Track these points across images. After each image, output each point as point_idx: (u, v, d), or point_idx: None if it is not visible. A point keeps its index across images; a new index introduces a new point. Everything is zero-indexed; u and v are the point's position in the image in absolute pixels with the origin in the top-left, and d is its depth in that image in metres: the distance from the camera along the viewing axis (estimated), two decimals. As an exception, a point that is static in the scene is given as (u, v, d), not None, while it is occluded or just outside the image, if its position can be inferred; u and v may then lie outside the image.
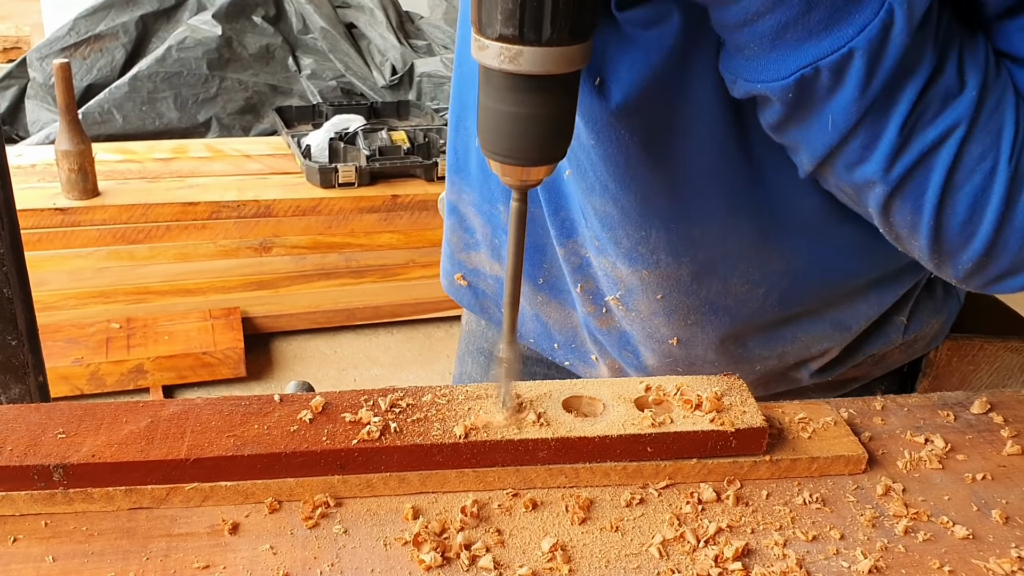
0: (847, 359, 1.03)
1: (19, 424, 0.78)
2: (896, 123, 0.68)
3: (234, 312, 3.38)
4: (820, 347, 1.00)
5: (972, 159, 0.69)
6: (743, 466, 0.82)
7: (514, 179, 0.70)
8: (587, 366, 1.11)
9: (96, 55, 4.28)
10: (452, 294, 1.19)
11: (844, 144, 0.71)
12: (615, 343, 1.04)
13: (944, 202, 0.71)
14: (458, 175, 1.07)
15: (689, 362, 1.01)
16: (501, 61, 0.62)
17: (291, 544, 0.73)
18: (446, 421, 0.81)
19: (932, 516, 0.79)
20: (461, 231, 1.11)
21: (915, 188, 0.72)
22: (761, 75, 0.69)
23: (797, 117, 0.71)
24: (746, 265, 0.91)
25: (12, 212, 0.88)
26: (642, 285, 0.94)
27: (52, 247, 3.12)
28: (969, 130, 0.69)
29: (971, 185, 0.70)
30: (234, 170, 3.53)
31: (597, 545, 0.75)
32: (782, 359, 1.01)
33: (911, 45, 0.64)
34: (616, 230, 0.90)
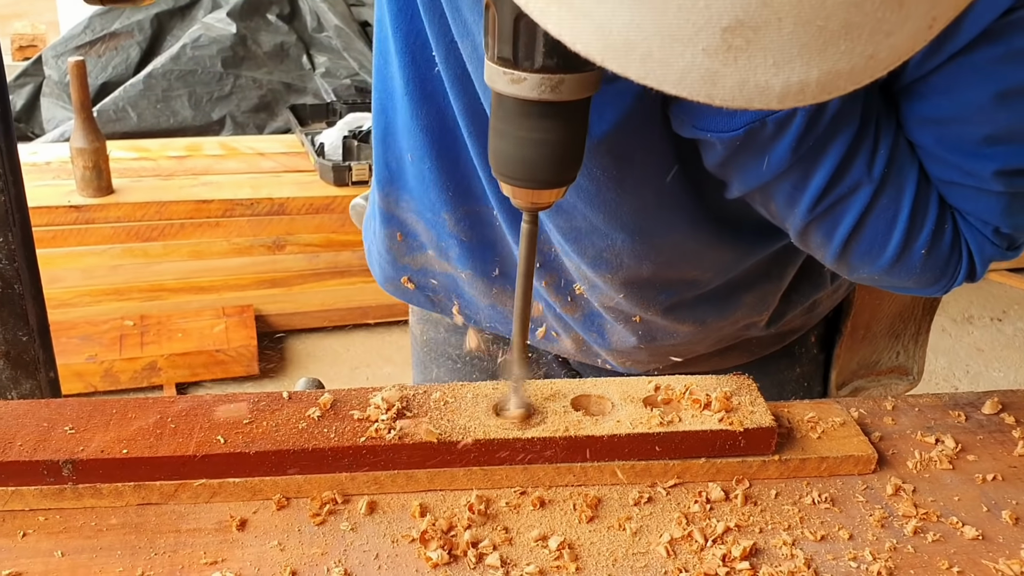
0: (787, 309, 1.09)
1: (29, 419, 0.78)
2: (825, 171, 0.77)
3: (247, 310, 3.39)
4: (762, 305, 1.06)
5: (880, 207, 0.80)
6: (752, 466, 0.82)
7: (525, 201, 0.71)
8: (549, 342, 1.14)
9: (111, 53, 4.30)
10: (400, 297, 1.21)
11: (775, 183, 0.79)
12: (580, 323, 1.08)
13: (851, 238, 0.82)
14: (392, 186, 1.08)
15: (652, 337, 1.05)
16: (542, 91, 0.63)
17: (299, 541, 0.73)
18: (454, 419, 0.80)
19: (942, 517, 0.79)
20: (404, 237, 1.12)
21: (829, 223, 0.81)
22: (711, 125, 0.76)
23: (737, 160, 0.79)
24: (698, 259, 0.97)
25: (24, 209, 0.89)
26: (604, 284, 0.98)
27: (66, 244, 3.14)
28: (881, 183, 0.79)
29: (875, 228, 0.81)
30: (248, 168, 3.53)
31: (604, 544, 0.75)
32: (734, 324, 1.07)
33: (843, 107, 0.74)
34: (581, 241, 0.94)
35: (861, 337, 1.21)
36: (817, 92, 0.48)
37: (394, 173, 1.06)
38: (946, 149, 0.78)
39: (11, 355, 0.90)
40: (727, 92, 0.48)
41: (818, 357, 1.22)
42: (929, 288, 0.87)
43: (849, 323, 1.19)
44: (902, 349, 1.25)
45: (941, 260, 0.84)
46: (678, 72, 0.47)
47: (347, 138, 3.52)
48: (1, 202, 0.84)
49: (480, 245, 1.04)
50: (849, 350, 1.21)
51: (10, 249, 0.86)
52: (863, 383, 1.24)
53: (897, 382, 1.26)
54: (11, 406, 0.80)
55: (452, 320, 1.19)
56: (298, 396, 0.83)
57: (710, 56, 0.46)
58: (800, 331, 1.17)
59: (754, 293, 1.03)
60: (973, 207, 0.82)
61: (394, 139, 1.03)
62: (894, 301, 1.20)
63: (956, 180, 0.80)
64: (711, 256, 0.97)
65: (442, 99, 0.93)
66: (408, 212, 1.08)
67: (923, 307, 1.23)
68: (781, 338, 1.15)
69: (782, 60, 0.46)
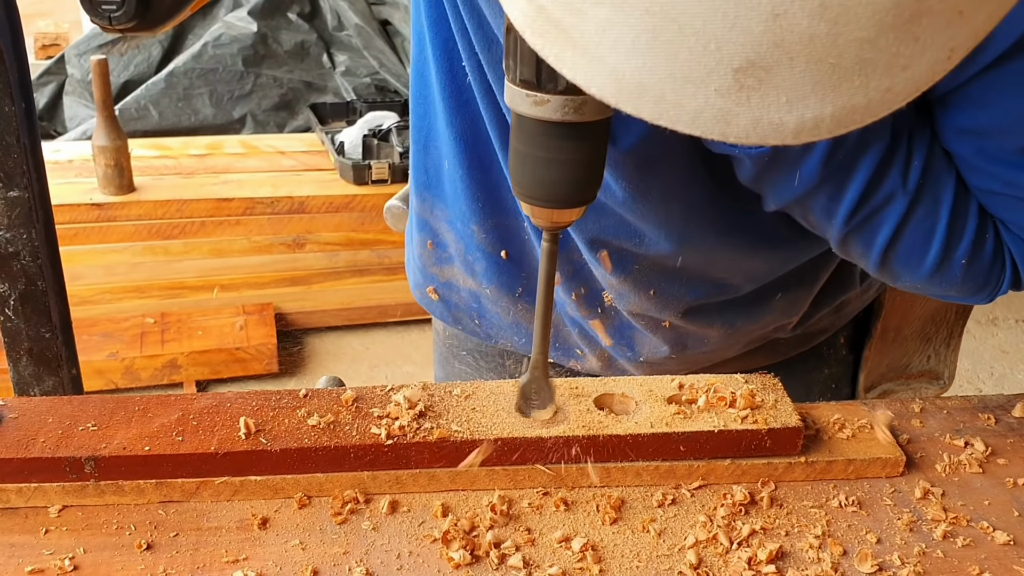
0: (815, 311, 1.09)
1: (52, 416, 0.78)
2: (858, 184, 0.77)
3: (267, 308, 3.39)
4: (794, 309, 1.05)
5: (918, 217, 0.80)
6: (778, 467, 0.81)
7: (546, 221, 0.71)
8: (574, 360, 1.13)
9: (133, 52, 4.32)
10: (425, 305, 1.21)
11: (810, 197, 0.80)
12: (609, 336, 1.06)
13: (890, 248, 0.82)
14: (429, 192, 1.07)
15: (683, 346, 1.04)
16: (565, 113, 0.63)
17: (320, 540, 0.73)
18: (477, 418, 0.80)
19: (972, 521, 0.78)
20: (434, 246, 1.11)
21: (867, 234, 0.82)
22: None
23: (767, 177, 0.79)
24: (732, 268, 0.97)
25: (47, 206, 0.89)
26: (635, 285, 0.98)
27: (88, 242, 3.15)
28: (916, 193, 0.78)
29: (914, 238, 0.81)
30: (268, 166, 3.54)
31: (628, 545, 0.74)
32: (764, 327, 1.06)
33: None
34: (609, 243, 0.94)
35: (891, 339, 1.20)
36: (833, 127, 0.48)
37: (432, 179, 1.06)
38: (985, 160, 0.77)
39: (34, 352, 0.90)
40: (741, 130, 0.48)
41: (847, 359, 1.21)
42: (973, 297, 0.87)
43: (879, 325, 1.17)
44: (933, 353, 1.24)
45: (983, 270, 0.83)
46: (691, 113, 0.48)
47: (367, 137, 3.52)
48: (25, 199, 0.84)
49: (507, 260, 1.03)
50: (879, 352, 1.20)
51: (34, 246, 0.86)
52: (892, 386, 1.23)
53: (927, 386, 1.24)
54: (34, 403, 0.80)
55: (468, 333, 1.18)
56: (320, 394, 0.83)
57: (723, 96, 0.46)
58: (828, 332, 1.16)
59: (786, 297, 1.03)
60: (1015, 217, 0.81)
61: (435, 144, 1.03)
62: (926, 304, 1.18)
63: (997, 190, 0.79)
64: (744, 266, 0.96)
65: (475, 108, 0.93)
66: (441, 221, 1.07)
67: (955, 311, 1.22)
68: (809, 339, 1.14)
69: (795, 98, 0.46)
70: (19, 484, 0.74)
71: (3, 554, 0.70)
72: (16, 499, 0.74)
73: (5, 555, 0.70)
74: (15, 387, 0.93)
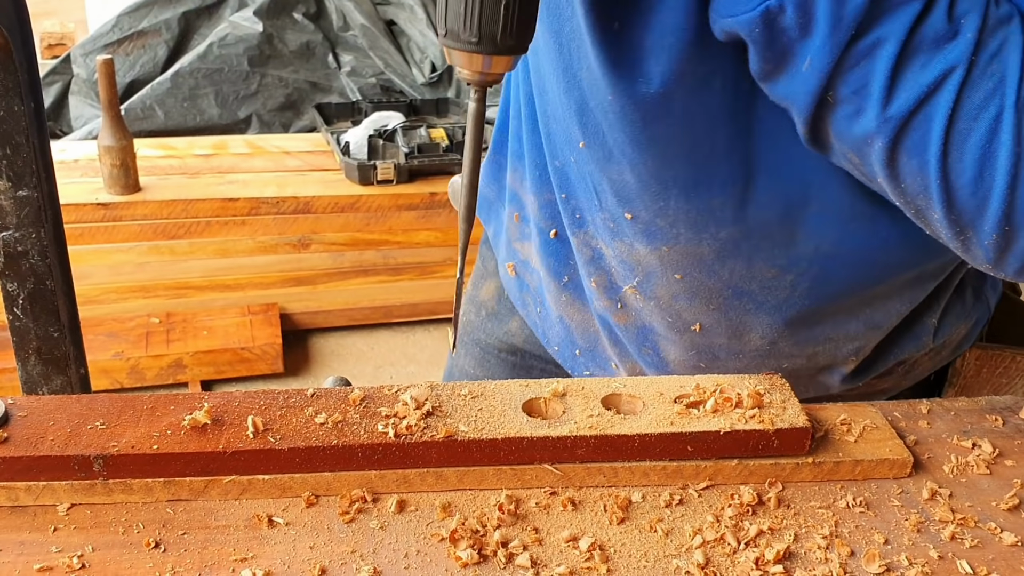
0: (877, 363, 1.00)
1: (60, 415, 0.78)
2: (885, 65, 0.65)
3: (272, 308, 3.40)
4: (851, 347, 0.96)
5: (973, 106, 0.65)
6: (785, 468, 0.81)
7: (474, 71, 0.68)
8: (607, 373, 1.10)
9: (139, 51, 4.33)
10: (505, 283, 1.18)
11: (831, 89, 0.68)
12: (634, 339, 1.02)
13: (949, 156, 0.67)
14: (520, 161, 1.04)
15: (712, 355, 0.98)
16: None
17: (328, 539, 0.73)
18: (482, 418, 0.80)
19: (979, 522, 0.78)
20: (519, 219, 1.08)
21: (917, 140, 0.67)
22: (732, 8, 0.68)
23: (774, 59, 0.69)
24: (770, 245, 0.87)
25: (56, 206, 0.89)
26: (661, 265, 0.91)
27: (94, 242, 3.16)
28: (967, 74, 0.64)
29: (976, 136, 0.65)
30: (274, 166, 3.55)
31: (636, 545, 0.74)
32: (811, 360, 0.98)
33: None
34: (633, 202, 0.87)
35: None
36: None
37: (523, 147, 1.03)
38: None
39: (42, 351, 0.90)
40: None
41: None
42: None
43: (954, 394, 1.06)
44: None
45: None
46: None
47: (372, 137, 3.52)
48: (34, 199, 0.84)
49: (557, 239, 1.00)
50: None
51: (42, 246, 0.86)
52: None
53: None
54: (42, 401, 0.80)
55: (524, 319, 1.16)
56: (327, 393, 0.83)
57: None
58: (890, 393, 1.06)
59: (844, 331, 0.94)
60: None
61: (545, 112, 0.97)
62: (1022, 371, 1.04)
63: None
64: (783, 243, 0.87)
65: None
66: (527, 192, 1.04)
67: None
68: (866, 395, 1.04)
69: None
70: (28, 482, 0.74)
71: (12, 552, 0.70)
72: (25, 497, 0.75)
73: (14, 553, 0.70)
74: (23, 386, 0.93)
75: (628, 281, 0.96)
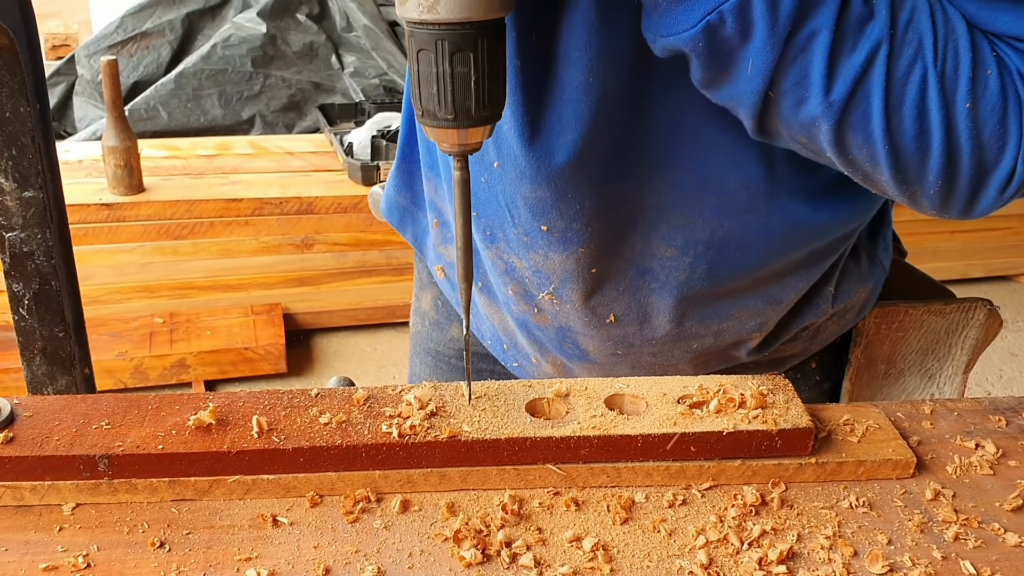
0: (781, 333, 1.04)
1: (66, 415, 0.79)
2: (821, 55, 0.70)
3: (275, 308, 3.40)
4: (754, 322, 1.01)
5: (902, 73, 0.72)
6: (788, 468, 0.81)
7: (452, 144, 0.70)
8: (532, 366, 1.13)
9: (143, 52, 4.34)
10: (440, 285, 1.21)
11: (776, 86, 0.73)
12: (554, 338, 1.05)
13: (891, 122, 0.73)
14: (433, 171, 1.07)
15: (628, 344, 1.01)
16: (420, 12, 0.63)
17: (332, 538, 0.73)
18: (485, 418, 0.80)
19: (983, 523, 0.78)
20: (440, 225, 1.10)
21: (859, 115, 0.73)
22: (672, 28, 0.72)
23: (717, 68, 0.73)
24: (666, 226, 0.92)
25: (61, 206, 0.89)
26: (577, 266, 0.94)
27: (98, 242, 3.16)
28: (891, 48, 0.71)
29: (909, 99, 0.72)
30: (277, 167, 3.55)
31: (639, 545, 0.74)
32: (718, 337, 1.02)
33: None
34: (549, 213, 0.91)
35: (882, 373, 1.14)
36: None
37: (434, 159, 1.05)
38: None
39: (47, 351, 0.91)
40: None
41: (822, 386, 1.16)
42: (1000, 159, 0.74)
43: (860, 353, 1.12)
44: (937, 391, 1.16)
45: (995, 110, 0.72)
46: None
47: (375, 138, 3.52)
48: (40, 200, 0.85)
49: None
50: (867, 385, 1.14)
51: (48, 246, 0.87)
52: None
53: None
54: (48, 401, 0.80)
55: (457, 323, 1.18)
56: (331, 393, 0.83)
57: None
58: (799, 357, 1.12)
59: (745, 308, 0.99)
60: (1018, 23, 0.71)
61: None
62: (922, 333, 1.13)
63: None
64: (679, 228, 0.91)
65: None
66: (444, 200, 1.07)
67: (961, 343, 1.15)
68: (775, 364, 1.10)
69: None
70: (33, 482, 0.75)
71: (18, 551, 0.70)
72: (30, 497, 0.75)
73: (20, 552, 0.70)
74: (28, 386, 0.93)
75: (544, 289, 0.99)
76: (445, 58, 0.66)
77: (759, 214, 0.91)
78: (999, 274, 4.18)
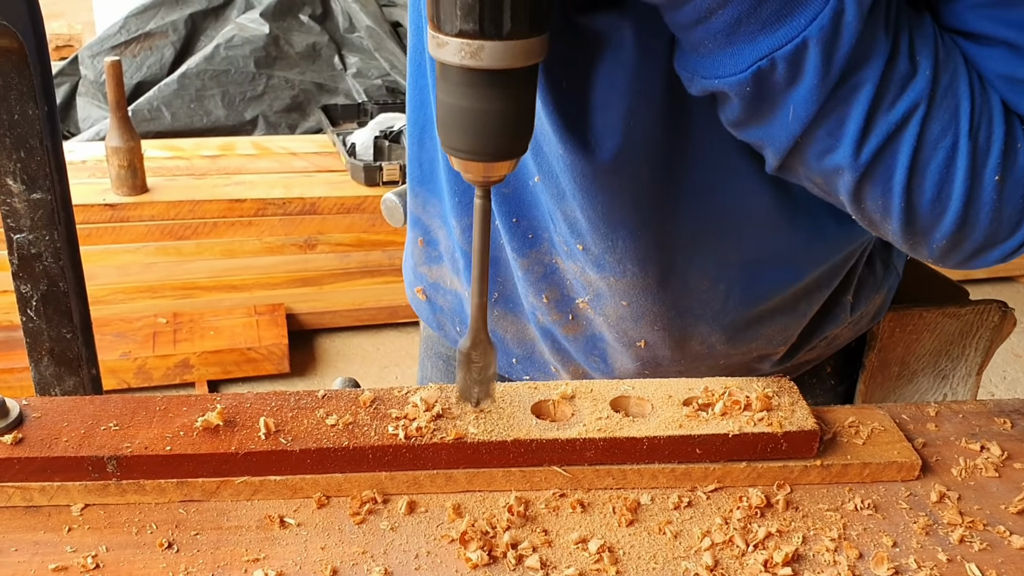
0: (803, 345, 1.04)
1: (74, 415, 0.79)
2: (861, 108, 0.69)
3: (279, 308, 3.41)
4: (780, 337, 1.00)
5: (934, 137, 0.70)
6: (793, 470, 0.81)
7: (477, 175, 0.70)
8: (547, 376, 1.11)
9: (146, 53, 4.34)
10: (414, 307, 1.19)
11: (809, 133, 0.71)
12: (582, 348, 1.03)
13: (912, 182, 0.72)
14: (423, 187, 1.06)
15: (656, 363, 1.01)
16: (462, 57, 0.63)
17: (339, 540, 0.74)
18: (491, 420, 0.80)
19: (988, 525, 0.78)
20: (425, 243, 1.09)
21: (883, 171, 0.72)
22: (718, 71, 0.69)
23: (757, 111, 0.71)
24: (702, 258, 0.91)
25: (68, 207, 0.90)
26: (610, 291, 0.94)
27: (101, 242, 3.17)
28: (928, 109, 0.69)
29: (936, 163, 0.71)
30: (280, 168, 3.56)
31: (645, 547, 0.74)
32: (746, 355, 1.02)
33: (864, 31, 0.65)
34: (584, 237, 0.90)
35: (896, 375, 1.14)
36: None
37: (426, 174, 1.05)
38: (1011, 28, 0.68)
39: (55, 352, 0.91)
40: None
41: (836, 389, 1.16)
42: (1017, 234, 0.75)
43: (874, 356, 1.12)
44: (951, 392, 1.16)
45: (1020, 186, 0.72)
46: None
47: (378, 138, 3.53)
48: (48, 201, 0.85)
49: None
50: (879, 387, 1.14)
51: (56, 248, 0.87)
52: None
53: None
54: (56, 402, 0.81)
55: (450, 342, 1.17)
56: (338, 395, 0.83)
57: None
58: (814, 363, 1.12)
59: (774, 326, 0.98)
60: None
61: (430, 137, 1.01)
62: (936, 336, 1.12)
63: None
64: (717, 261, 0.91)
65: None
66: (433, 217, 1.06)
67: (976, 343, 1.14)
68: (792, 370, 1.09)
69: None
70: (42, 483, 0.75)
71: (28, 552, 0.71)
72: (39, 497, 0.75)
73: (29, 552, 0.71)
74: (36, 387, 0.94)
75: (582, 296, 0.98)
76: (479, 98, 0.65)
77: (785, 232, 0.90)
78: (1002, 275, 4.18)
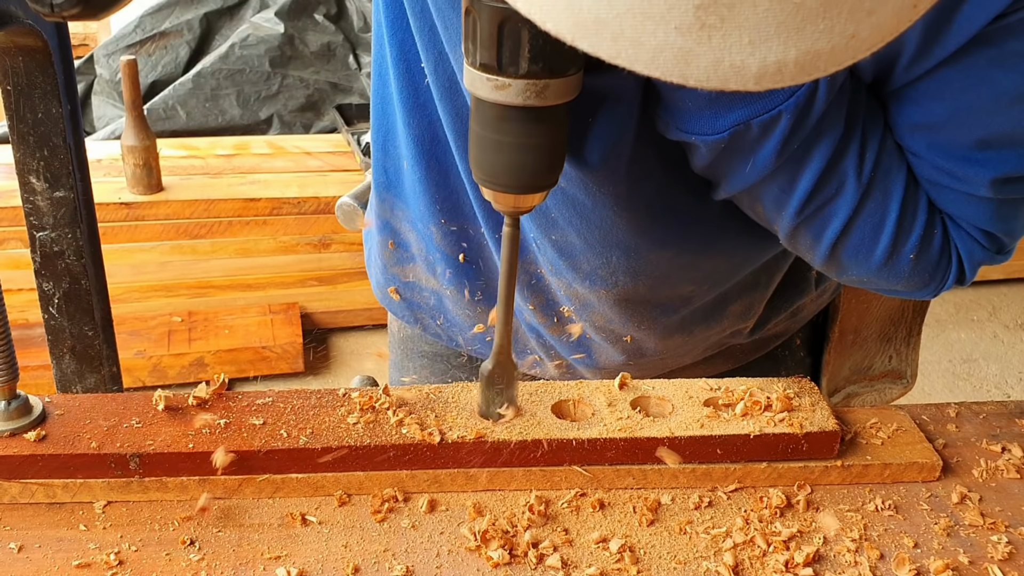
0: (771, 316, 1.08)
1: (97, 413, 0.79)
2: (811, 174, 0.75)
3: (293, 307, 3.41)
4: (750, 312, 1.04)
5: (867, 211, 0.78)
6: (814, 471, 0.81)
7: (507, 206, 0.71)
8: (533, 366, 1.13)
9: (161, 52, 4.35)
10: (387, 307, 1.20)
11: (764, 184, 0.77)
12: (566, 345, 1.05)
13: (840, 240, 0.80)
14: (389, 193, 1.07)
15: (640, 354, 1.03)
16: (527, 97, 0.63)
17: (360, 538, 0.74)
18: (512, 419, 0.80)
19: (1010, 527, 0.78)
20: (395, 246, 1.10)
21: (818, 226, 0.79)
22: (696, 128, 0.73)
23: (723, 163, 0.76)
24: (692, 270, 0.95)
25: (90, 205, 0.90)
26: (598, 301, 0.96)
27: (117, 241, 3.18)
28: (868, 186, 0.77)
29: (862, 231, 0.79)
30: (295, 167, 3.56)
31: (665, 547, 0.74)
32: (720, 333, 1.05)
33: (829, 109, 0.71)
34: (576, 258, 0.92)
35: (851, 342, 1.19)
36: (796, 73, 0.46)
37: (391, 180, 1.05)
38: (938, 154, 0.77)
39: (76, 349, 0.91)
40: (701, 72, 0.46)
41: (805, 361, 1.20)
42: (919, 292, 0.86)
43: (837, 328, 1.16)
44: (894, 353, 1.22)
45: (930, 264, 0.82)
46: (650, 51, 0.46)
47: (393, 138, 3.53)
48: (70, 199, 0.86)
49: (465, 263, 1.03)
50: (839, 355, 1.18)
51: (78, 245, 0.87)
52: (856, 388, 1.21)
53: (891, 386, 1.23)
54: (79, 400, 0.81)
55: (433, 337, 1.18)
56: (359, 393, 0.84)
57: (683, 35, 0.44)
58: (784, 336, 1.15)
59: (742, 302, 1.02)
60: (963, 212, 0.80)
61: (394, 145, 1.02)
62: (882, 304, 1.17)
63: (946, 184, 0.78)
64: (707, 268, 0.95)
65: (432, 110, 0.93)
66: (402, 221, 1.07)
67: (913, 309, 1.20)
68: (765, 343, 1.14)
69: (758, 39, 0.44)
70: (65, 480, 0.75)
71: (51, 548, 0.71)
72: (63, 494, 0.76)
73: (53, 549, 0.71)
74: (57, 384, 0.94)
75: (567, 304, 1.00)
76: (521, 134, 0.66)
77: (756, 228, 0.92)
78: (1017, 276, 4.16)
